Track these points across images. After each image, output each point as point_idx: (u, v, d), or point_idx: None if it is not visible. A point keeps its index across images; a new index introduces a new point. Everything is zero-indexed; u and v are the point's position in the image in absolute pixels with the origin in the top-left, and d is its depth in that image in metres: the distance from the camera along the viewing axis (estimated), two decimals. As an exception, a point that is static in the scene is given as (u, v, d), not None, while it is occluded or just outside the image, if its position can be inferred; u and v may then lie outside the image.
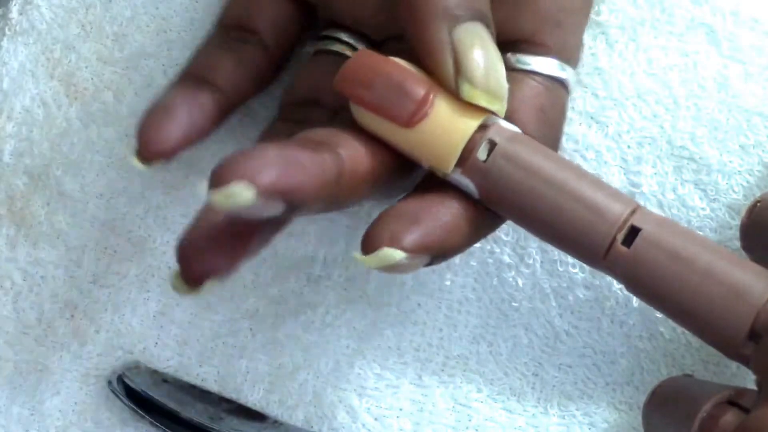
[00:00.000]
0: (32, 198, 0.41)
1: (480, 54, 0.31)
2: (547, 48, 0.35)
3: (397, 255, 0.30)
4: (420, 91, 0.31)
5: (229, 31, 0.37)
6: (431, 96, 0.31)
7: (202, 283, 0.31)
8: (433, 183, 0.33)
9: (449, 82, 0.31)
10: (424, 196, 0.32)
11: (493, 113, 0.32)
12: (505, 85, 0.32)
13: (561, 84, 0.35)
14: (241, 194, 0.28)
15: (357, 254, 0.30)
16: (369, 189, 0.33)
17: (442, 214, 0.32)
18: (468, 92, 0.31)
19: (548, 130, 0.34)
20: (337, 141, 0.32)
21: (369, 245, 0.30)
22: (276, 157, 0.29)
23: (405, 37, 0.32)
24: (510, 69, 0.34)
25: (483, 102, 0.31)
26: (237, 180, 0.28)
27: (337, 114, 0.36)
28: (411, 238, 0.30)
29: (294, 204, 0.30)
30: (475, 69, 0.31)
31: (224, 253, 0.31)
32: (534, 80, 0.34)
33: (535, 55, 0.34)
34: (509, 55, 0.35)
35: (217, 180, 0.28)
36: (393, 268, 0.30)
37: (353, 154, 0.32)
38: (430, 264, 0.32)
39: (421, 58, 0.32)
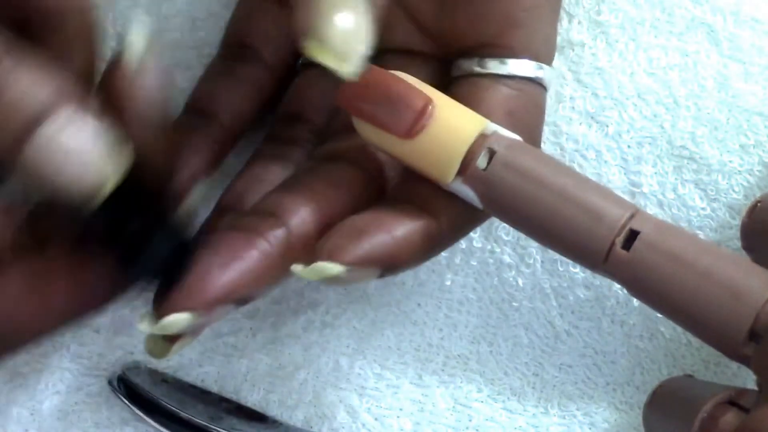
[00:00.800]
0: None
1: (340, 14, 0.30)
2: (512, 49, 0.34)
3: (334, 269, 0.30)
4: (418, 102, 0.31)
5: (229, 49, 0.38)
6: (430, 107, 0.32)
7: (175, 342, 0.31)
8: (392, 196, 0.33)
9: (298, 34, 0.30)
10: (379, 211, 0.32)
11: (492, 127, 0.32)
12: (361, 54, 0.30)
13: (534, 83, 0.35)
14: (175, 324, 0.29)
15: (295, 266, 0.30)
16: None
17: (393, 229, 0.31)
18: (313, 48, 0.30)
19: (520, 132, 0.33)
20: (285, 207, 0.32)
21: (312, 257, 0.30)
22: (209, 270, 0.30)
23: None
24: (475, 75, 0.34)
25: (330, 61, 0.30)
26: (165, 312, 0.29)
27: (322, 132, 0.36)
28: (352, 252, 0.30)
29: (244, 299, 0.30)
30: (328, 26, 0.30)
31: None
32: (502, 83, 0.34)
33: (500, 57, 0.34)
34: (474, 60, 0.34)
35: (157, 315, 0.29)
36: (334, 281, 0.30)
37: (303, 218, 0.32)
38: (382, 276, 0.32)
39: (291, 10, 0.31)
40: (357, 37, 0.30)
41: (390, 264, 0.32)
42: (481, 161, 0.32)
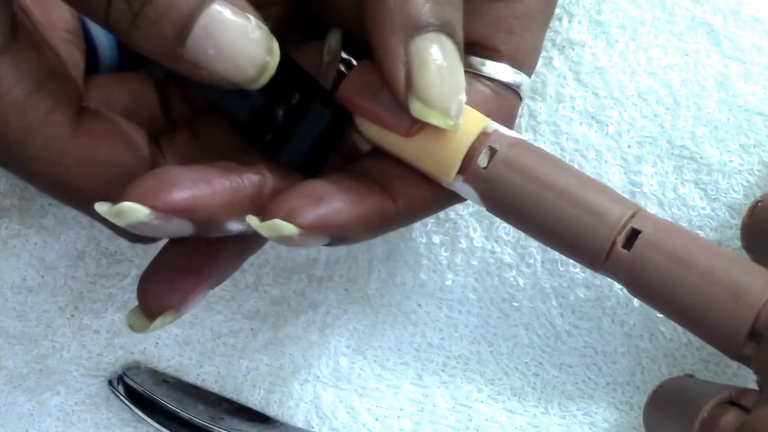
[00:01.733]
0: (34, 197, 0.41)
1: (435, 69, 0.30)
2: (499, 53, 0.34)
3: (289, 229, 0.30)
4: None
5: None
6: None
7: (155, 317, 0.32)
8: (357, 169, 0.33)
9: (400, 97, 0.30)
10: (340, 180, 0.32)
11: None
12: (462, 102, 0.31)
13: (512, 90, 0.34)
14: (130, 212, 0.29)
15: (251, 217, 0.30)
16: None
17: (351, 203, 0.31)
18: (418, 110, 0.30)
19: None
20: (266, 166, 0.32)
21: (268, 213, 0.30)
22: (175, 176, 0.29)
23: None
24: None
25: (435, 120, 0.30)
26: (127, 200, 0.29)
27: None
28: (308, 217, 0.30)
29: (204, 223, 0.30)
30: (427, 85, 0.30)
31: (178, 288, 0.32)
32: (482, 83, 0.34)
33: (485, 58, 0.34)
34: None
35: (117, 200, 0.29)
36: (286, 240, 0.30)
37: (280, 170, 0.31)
38: (328, 245, 0.32)
39: (380, 71, 0.31)
40: (456, 88, 0.30)
41: (341, 236, 0.31)
42: (482, 160, 0.31)
